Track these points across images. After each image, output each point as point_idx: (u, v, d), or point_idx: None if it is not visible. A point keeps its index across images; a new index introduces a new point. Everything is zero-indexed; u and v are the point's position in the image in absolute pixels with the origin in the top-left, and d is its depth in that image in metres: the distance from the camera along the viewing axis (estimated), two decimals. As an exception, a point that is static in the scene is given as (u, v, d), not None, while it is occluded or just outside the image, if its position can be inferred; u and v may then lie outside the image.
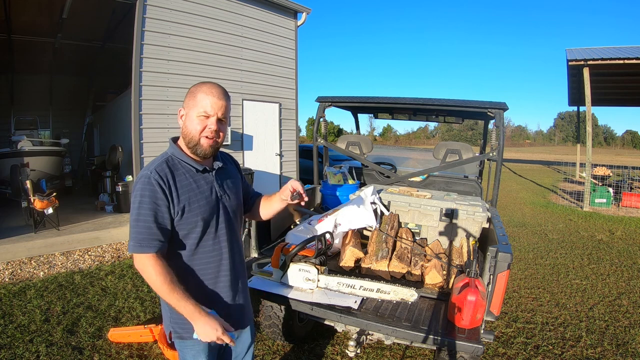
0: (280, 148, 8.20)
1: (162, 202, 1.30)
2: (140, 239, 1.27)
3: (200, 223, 1.36)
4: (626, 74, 10.17)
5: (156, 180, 1.29)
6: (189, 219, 1.35)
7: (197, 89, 1.37)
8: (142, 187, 1.29)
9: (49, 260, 4.54)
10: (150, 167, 1.34)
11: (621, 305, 3.77)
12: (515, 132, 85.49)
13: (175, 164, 1.38)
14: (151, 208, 1.28)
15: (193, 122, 1.35)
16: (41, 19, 7.26)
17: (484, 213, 2.74)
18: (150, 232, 1.27)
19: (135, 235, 1.27)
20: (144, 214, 1.28)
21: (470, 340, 1.78)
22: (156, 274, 1.26)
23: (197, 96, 1.35)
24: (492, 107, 2.97)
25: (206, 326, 1.27)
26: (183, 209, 1.33)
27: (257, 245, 2.71)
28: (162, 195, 1.30)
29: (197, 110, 1.34)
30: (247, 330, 1.63)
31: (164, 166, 1.35)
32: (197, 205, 1.36)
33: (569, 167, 16.61)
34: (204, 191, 1.40)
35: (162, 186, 1.30)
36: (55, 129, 11.29)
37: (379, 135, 78.29)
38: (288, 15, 8.18)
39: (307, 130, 44.76)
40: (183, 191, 1.34)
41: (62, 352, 2.71)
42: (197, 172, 1.41)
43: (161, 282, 1.25)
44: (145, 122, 5.95)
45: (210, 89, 1.36)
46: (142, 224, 1.27)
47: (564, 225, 7.31)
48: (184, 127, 1.39)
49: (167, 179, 1.32)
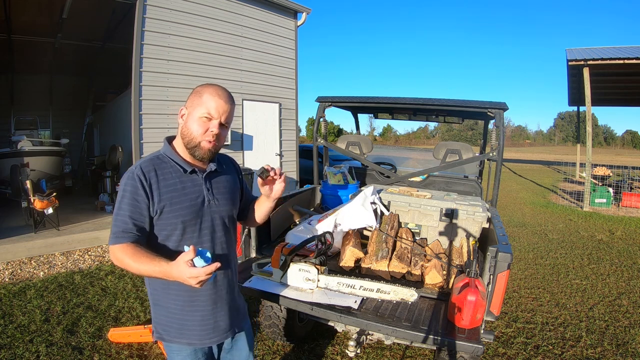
0: (280, 148, 8.20)
1: (141, 199, 1.27)
2: (116, 232, 1.25)
3: (180, 225, 1.32)
4: (626, 74, 10.17)
5: (138, 176, 1.28)
6: (169, 219, 1.31)
7: (204, 89, 1.33)
8: (126, 182, 1.29)
9: (49, 260, 4.54)
10: (137, 163, 1.33)
11: (621, 305, 3.77)
12: (515, 132, 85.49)
13: (164, 162, 1.36)
14: (130, 203, 1.27)
15: (195, 122, 1.31)
16: (41, 19, 7.26)
17: (484, 213, 2.74)
18: (125, 227, 1.26)
19: (114, 228, 1.27)
20: (123, 208, 1.27)
21: (470, 340, 1.78)
22: (128, 257, 1.22)
23: (202, 96, 1.31)
24: (492, 107, 2.97)
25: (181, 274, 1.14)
26: (163, 208, 1.30)
27: (257, 245, 2.71)
28: (142, 192, 1.27)
29: (201, 110, 1.30)
30: (242, 338, 1.57)
31: (150, 163, 1.33)
32: (179, 206, 1.32)
33: (569, 167, 16.61)
34: (189, 193, 1.35)
35: (143, 182, 1.28)
36: (55, 129, 11.29)
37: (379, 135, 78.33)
38: (288, 15, 8.18)
39: (307, 130, 44.76)
40: (166, 190, 1.31)
41: (62, 352, 2.71)
42: (185, 173, 1.36)
43: (134, 260, 1.21)
44: (145, 122, 5.95)
45: (217, 90, 1.32)
46: (120, 218, 1.26)
47: (564, 225, 7.30)
48: (184, 127, 1.34)
49: (149, 176, 1.29)
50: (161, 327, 1.40)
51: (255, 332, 2.99)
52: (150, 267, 1.21)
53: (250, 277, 2.29)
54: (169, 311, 1.38)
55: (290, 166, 8.47)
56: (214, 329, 1.42)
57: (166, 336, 1.40)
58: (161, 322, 1.40)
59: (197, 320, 1.39)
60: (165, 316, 1.39)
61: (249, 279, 2.27)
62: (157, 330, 1.42)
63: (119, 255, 1.25)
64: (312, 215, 3.10)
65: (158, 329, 1.41)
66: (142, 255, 1.23)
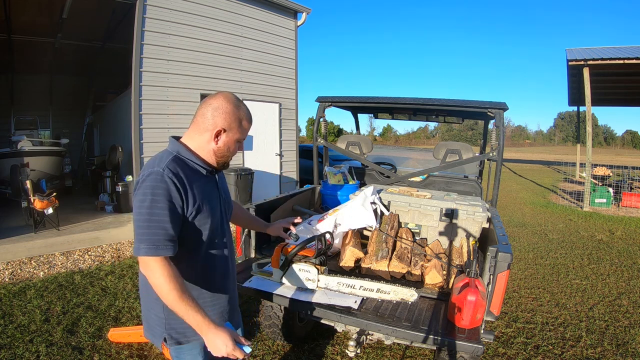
0: (280, 148, 8.20)
1: (177, 202, 1.22)
2: (155, 240, 1.17)
3: (209, 226, 1.35)
4: (626, 74, 10.17)
5: (170, 177, 1.21)
6: (202, 219, 1.31)
7: (240, 113, 1.35)
8: (155, 184, 1.20)
9: (49, 260, 4.54)
10: (159, 165, 1.24)
11: (621, 305, 3.77)
12: (515, 132, 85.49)
13: (185, 163, 1.31)
14: (166, 207, 1.19)
15: (233, 144, 1.37)
16: (41, 19, 7.26)
17: (484, 213, 2.74)
18: (166, 233, 1.19)
19: (149, 236, 1.17)
20: (159, 214, 1.18)
21: (470, 340, 1.78)
22: (167, 279, 1.16)
23: (242, 123, 1.37)
24: (492, 107, 2.97)
25: (217, 340, 1.17)
26: (198, 208, 1.29)
27: (257, 245, 2.71)
28: (177, 195, 1.22)
29: (240, 137, 1.38)
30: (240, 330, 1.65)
31: (176, 164, 1.26)
32: (210, 206, 1.35)
33: (569, 167, 16.62)
34: (212, 193, 1.40)
35: (177, 185, 1.22)
36: (55, 129, 11.30)
37: (379, 135, 78.33)
38: (288, 15, 8.18)
39: (307, 130, 44.77)
40: (198, 192, 1.30)
41: (62, 352, 2.71)
42: (205, 174, 1.38)
43: (172, 287, 1.16)
44: (145, 122, 5.96)
45: (248, 114, 1.39)
46: (156, 224, 1.18)
47: (564, 225, 7.30)
48: (219, 149, 1.35)
49: (181, 177, 1.25)
50: (175, 331, 1.36)
51: (255, 332, 3.00)
52: (189, 308, 1.17)
53: (250, 277, 2.29)
54: None
55: (290, 166, 8.48)
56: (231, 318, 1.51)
57: (182, 339, 1.36)
58: (175, 327, 1.35)
59: (216, 315, 1.44)
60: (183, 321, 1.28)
61: (249, 279, 2.27)
62: (171, 336, 1.36)
63: (160, 268, 1.17)
64: (312, 215, 3.10)
65: (172, 334, 1.36)
66: (186, 290, 1.19)
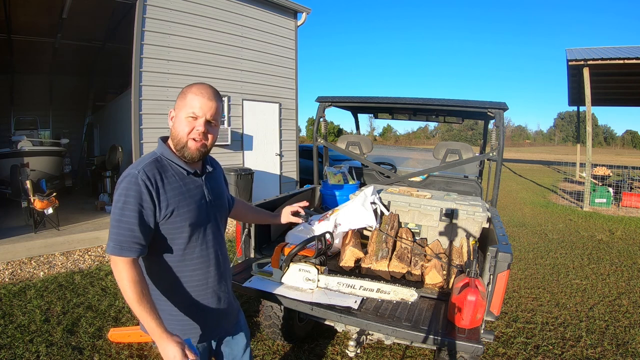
0: (280, 148, 8.20)
1: (147, 205, 1.23)
2: (121, 241, 1.20)
3: (187, 228, 1.31)
4: (626, 74, 10.17)
5: (143, 180, 1.22)
6: (177, 223, 1.29)
7: (188, 89, 1.32)
8: (128, 186, 1.22)
9: (49, 260, 4.54)
10: (137, 166, 1.26)
11: (621, 305, 3.77)
12: (515, 132, 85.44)
13: (165, 165, 1.32)
14: (136, 210, 1.21)
15: (181, 123, 1.30)
16: (41, 19, 7.26)
17: (484, 213, 2.74)
18: (132, 235, 1.20)
19: (116, 236, 1.20)
20: (128, 215, 1.20)
21: (470, 340, 1.77)
22: (129, 280, 1.18)
23: (187, 97, 1.30)
24: (492, 107, 2.97)
25: (167, 350, 1.16)
26: (172, 212, 1.27)
27: (257, 245, 2.71)
28: (147, 197, 1.22)
29: (186, 111, 1.29)
30: (241, 334, 1.60)
31: (153, 166, 1.27)
32: (187, 209, 1.31)
33: (569, 167, 16.62)
34: (194, 195, 1.35)
35: (149, 188, 1.23)
36: (55, 129, 11.30)
37: (379, 135, 78.24)
38: (288, 15, 8.18)
39: (307, 130, 44.74)
40: (172, 194, 1.28)
41: (62, 352, 2.71)
42: (187, 175, 1.35)
43: (132, 289, 1.17)
44: (145, 122, 5.96)
45: (200, 89, 1.31)
46: (124, 226, 1.20)
47: (564, 225, 7.31)
48: (173, 129, 1.34)
49: (155, 180, 1.25)
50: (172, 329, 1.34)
51: (255, 332, 2.99)
52: (145, 313, 1.17)
53: (250, 277, 2.29)
54: (171, 314, 1.36)
55: (290, 166, 8.48)
56: (216, 325, 1.46)
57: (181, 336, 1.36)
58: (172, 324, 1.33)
59: (200, 320, 1.40)
60: (168, 320, 1.31)
61: (249, 279, 2.27)
62: None
63: (123, 269, 1.19)
64: (312, 215, 3.09)
65: None
66: (146, 295, 1.19)
